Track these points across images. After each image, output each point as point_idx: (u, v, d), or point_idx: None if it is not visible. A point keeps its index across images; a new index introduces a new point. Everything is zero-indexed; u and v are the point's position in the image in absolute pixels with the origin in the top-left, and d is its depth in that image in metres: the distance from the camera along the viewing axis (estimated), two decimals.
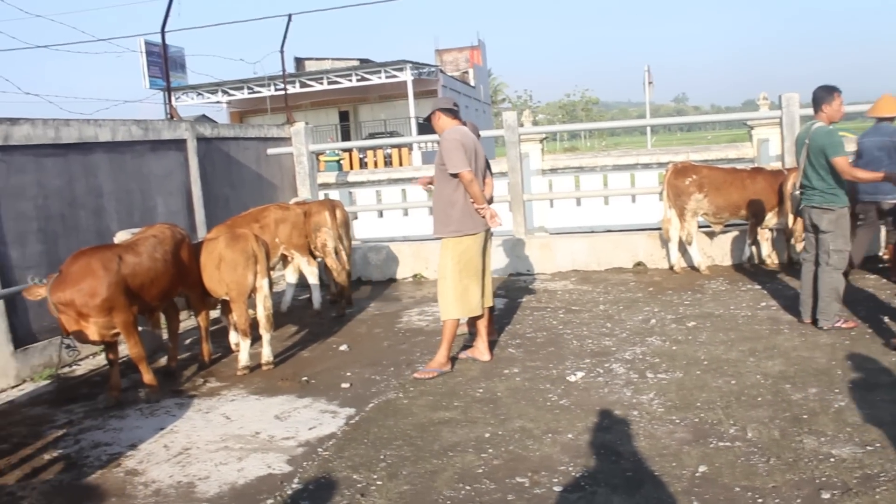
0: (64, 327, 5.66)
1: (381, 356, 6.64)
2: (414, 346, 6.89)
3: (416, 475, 4.19)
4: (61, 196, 7.36)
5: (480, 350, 6.23)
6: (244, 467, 4.49)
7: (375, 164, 23.72)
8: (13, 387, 6.60)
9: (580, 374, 5.67)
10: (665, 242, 9.30)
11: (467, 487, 4.00)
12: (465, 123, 6.14)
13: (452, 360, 6.13)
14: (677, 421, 4.65)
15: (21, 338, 6.82)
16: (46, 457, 4.94)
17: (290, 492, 4.11)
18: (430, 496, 3.94)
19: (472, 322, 6.33)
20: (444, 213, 5.97)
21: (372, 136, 30.09)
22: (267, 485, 4.23)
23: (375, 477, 4.20)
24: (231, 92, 31.54)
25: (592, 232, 10.59)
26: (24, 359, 6.79)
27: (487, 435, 4.67)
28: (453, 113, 6.05)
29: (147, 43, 29.42)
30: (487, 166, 6.25)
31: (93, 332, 5.65)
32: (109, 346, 5.87)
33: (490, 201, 6.16)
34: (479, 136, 6.37)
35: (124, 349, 6.03)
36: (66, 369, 6.92)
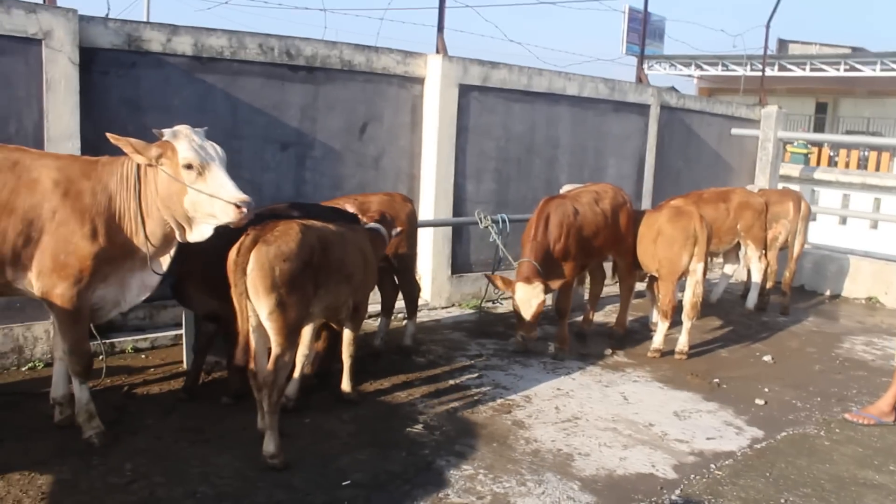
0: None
1: (808, 380, 5.80)
2: (851, 379, 5.90)
3: None
4: (521, 141, 7.65)
5: None
6: (627, 457, 4.21)
7: (847, 165, 21.19)
8: (444, 307, 7.14)
9: None
10: None
11: None
12: None
13: None
14: None
15: (459, 266, 7.33)
16: (450, 382, 5.20)
17: (667, 502, 3.73)
18: None
19: None
20: None
21: (850, 133, 26.99)
22: (645, 485, 3.89)
23: None
24: (704, 67, 30.62)
25: None
26: (458, 285, 7.29)
27: None
28: None
29: (631, 9, 29.68)
30: None
31: None
32: None
33: None
34: None
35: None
36: (489, 304, 7.26)
